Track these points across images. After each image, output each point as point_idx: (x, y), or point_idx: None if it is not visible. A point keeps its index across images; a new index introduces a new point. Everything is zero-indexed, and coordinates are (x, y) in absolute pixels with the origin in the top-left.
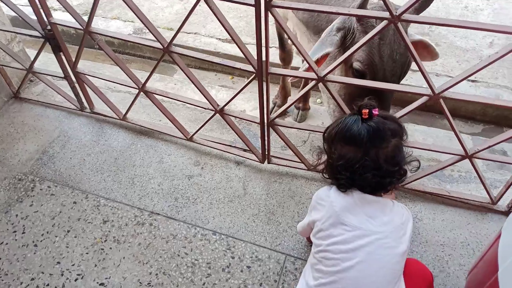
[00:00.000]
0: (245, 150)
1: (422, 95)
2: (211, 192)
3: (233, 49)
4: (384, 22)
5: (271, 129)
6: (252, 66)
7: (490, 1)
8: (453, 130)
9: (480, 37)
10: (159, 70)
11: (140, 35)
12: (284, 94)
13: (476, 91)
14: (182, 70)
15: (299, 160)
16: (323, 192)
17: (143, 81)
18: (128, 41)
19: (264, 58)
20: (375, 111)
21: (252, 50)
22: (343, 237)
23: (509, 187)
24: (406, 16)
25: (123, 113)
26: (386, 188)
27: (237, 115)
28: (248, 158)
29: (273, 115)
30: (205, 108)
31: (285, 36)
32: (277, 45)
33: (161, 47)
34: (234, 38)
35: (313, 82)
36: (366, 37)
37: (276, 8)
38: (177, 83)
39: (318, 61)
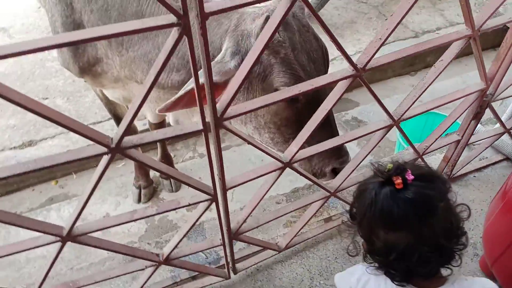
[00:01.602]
0: (194, 278)
1: (386, 127)
2: None
3: (39, 151)
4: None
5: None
6: (207, 193)
7: None
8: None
9: None
10: None
11: None
12: (144, 172)
13: None
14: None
15: (262, 248)
16: (364, 276)
17: None
18: None
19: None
20: (409, 176)
21: None
22: None
23: (448, 161)
24: (370, 65)
25: None
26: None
27: (188, 252)
28: (207, 285)
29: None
30: (143, 269)
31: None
32: None
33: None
34: (178, 178)
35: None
36: None
37: None
38: None
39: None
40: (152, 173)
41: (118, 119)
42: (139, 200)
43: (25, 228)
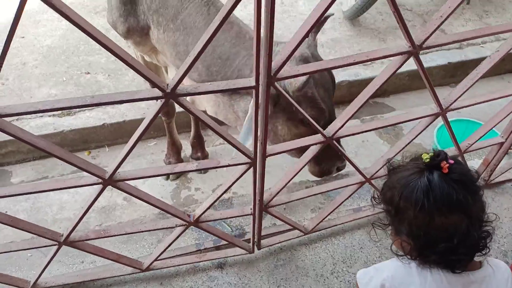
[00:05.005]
0: (218, 248)
1: (432, 115)
2: None
3: (77, 121)
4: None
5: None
6: (247, 156)
7: None
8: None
9: None
10: None
11: None
12: (176, 150)
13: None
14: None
15: (290, 227)
16: (400, 272)
17: None
18: None
19: (260, 141)
20: (450, 160)
21: None
22: None
23: (487, 165)
24: (427, 43)
25: (30, 280)
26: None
27: (219, 217)
28: (230, 256)
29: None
30: (173, 227)
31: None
32: None
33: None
34: (221, 134)
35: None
36: None
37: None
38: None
39: None
40: (182, 154)
41: None
42: (167, 177)
43: (71, 164)
